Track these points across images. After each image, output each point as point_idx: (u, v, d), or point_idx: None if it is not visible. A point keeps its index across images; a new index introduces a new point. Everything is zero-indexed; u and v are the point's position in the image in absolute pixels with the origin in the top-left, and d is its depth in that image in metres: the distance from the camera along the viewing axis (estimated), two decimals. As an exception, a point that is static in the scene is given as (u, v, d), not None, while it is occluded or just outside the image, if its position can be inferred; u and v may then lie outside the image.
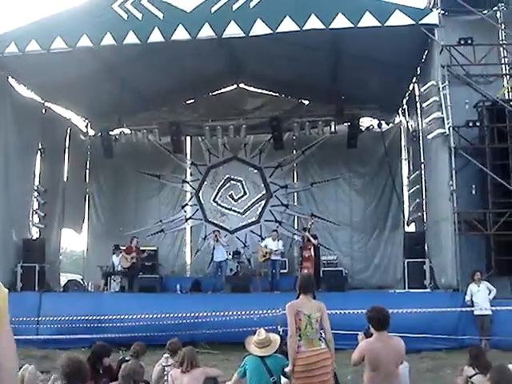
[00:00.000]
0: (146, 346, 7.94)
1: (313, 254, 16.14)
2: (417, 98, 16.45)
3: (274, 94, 21.36)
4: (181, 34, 13.79)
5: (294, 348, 6.23)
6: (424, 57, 14.95)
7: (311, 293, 6.55)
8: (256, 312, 12.16)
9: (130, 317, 12.82)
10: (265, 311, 11.96)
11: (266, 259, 17.09)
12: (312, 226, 17.03)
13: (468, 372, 6.95)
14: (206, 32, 13.73)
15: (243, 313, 12.33)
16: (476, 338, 11.83)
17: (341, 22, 13.20)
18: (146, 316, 12.69)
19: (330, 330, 6.37)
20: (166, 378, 7.46)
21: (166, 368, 7.64)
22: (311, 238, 16.24)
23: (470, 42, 14.03)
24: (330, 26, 13.31)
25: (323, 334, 6.38)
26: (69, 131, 20.56)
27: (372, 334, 5.54)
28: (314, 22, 13.28)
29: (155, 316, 12.60)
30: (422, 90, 14.73)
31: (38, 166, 18.35)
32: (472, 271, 12.65)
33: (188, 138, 22.17)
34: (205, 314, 12.72)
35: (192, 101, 21.73)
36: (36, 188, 18.08)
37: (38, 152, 18.23)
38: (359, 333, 6.25)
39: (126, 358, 7.74)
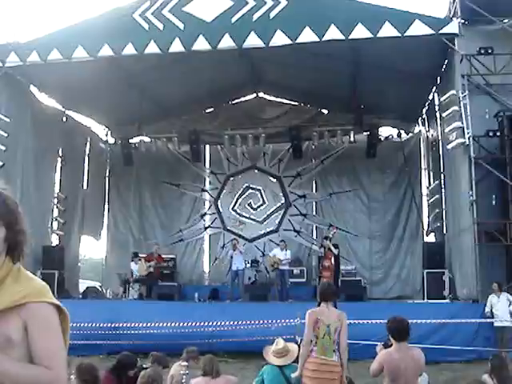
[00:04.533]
0: (166, 358, 7.88)
1: (333, 263, 16.04)
2: (436, 108, 16.37)
3: (294, 103, 21.34)
4: (201, 44, 13.89)
5: (306, 356, 6.24)
6: (444, 66, 14.90)
7: (332, 301, 6.54)
8: (274, 321, 12.12)
9: (148, 325, 12.83)
10: (283, 320, 11.91)
11: (274, 269, 17.06)
12: (335, 236, 16.88)
13: (486, 382, 6.59)
14: (227, 42, 13.83)
15: (261, 322, 12.29)
16: (495, 350, 11.67)
17: (360, 32, 13.22)
18: (164, 324, 12.68)
19: (346, 339, 6.36)
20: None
21: (184, 376, 7.63)
22: (332, 248, 16.12)
23: (490, 51, 13.96)
24: (350, 37, 13.32)
25: (337, 347, 6.34)
26: (89, 139, 20.80)
27: (391, 344, 5.50)
28: (333, 33, 13.31)
29: (173, 324, 12.59)
30: (441, 99, 14.65)
31: (58, 174, 18.55)
32: (492, 282, 12.51)
33: (207, 147, 22.22)
34: (223, 322, 12.69)
35: (211, 109, 21.81)
36: (56, 195, 18.26)
37: (58, 159, 18.46)
38: (378, 343, 6.21)
39: (144, 366, 7.73)
